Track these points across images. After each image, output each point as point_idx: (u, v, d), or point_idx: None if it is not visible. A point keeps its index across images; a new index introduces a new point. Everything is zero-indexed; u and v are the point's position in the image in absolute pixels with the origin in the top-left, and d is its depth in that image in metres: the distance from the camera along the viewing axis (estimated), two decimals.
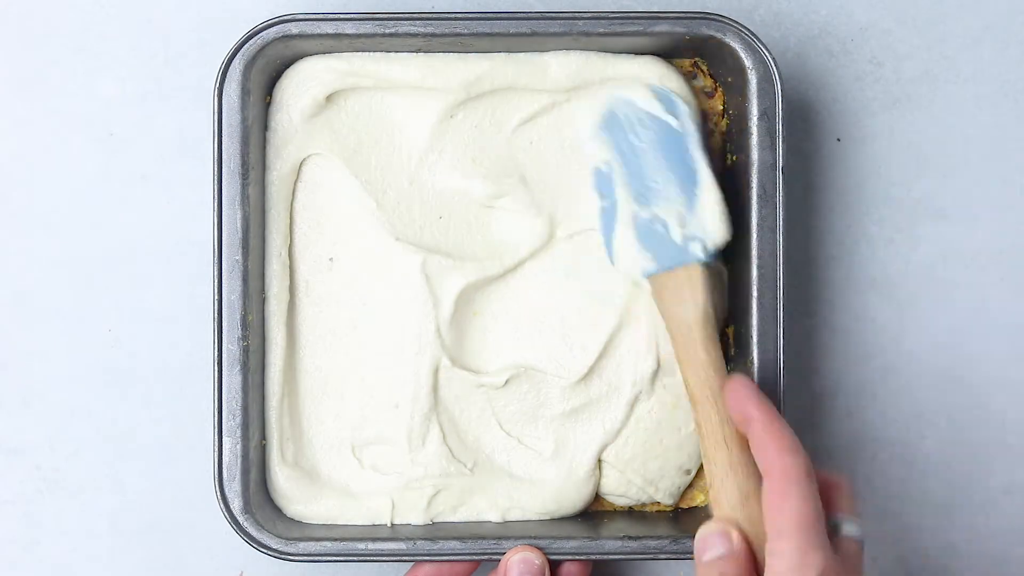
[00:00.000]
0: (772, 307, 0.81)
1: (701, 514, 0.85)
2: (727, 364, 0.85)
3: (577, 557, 0.81)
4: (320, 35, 0.81)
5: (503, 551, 0.81)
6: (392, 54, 0.83)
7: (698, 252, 0.80)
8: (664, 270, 0.80)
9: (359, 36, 0.81)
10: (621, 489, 0.85)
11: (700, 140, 0.81)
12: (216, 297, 0.80)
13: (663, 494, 0.85)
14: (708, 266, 0.80)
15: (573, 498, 0.84)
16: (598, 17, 0.81)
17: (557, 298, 0.85)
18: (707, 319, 0.79)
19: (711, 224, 0.80)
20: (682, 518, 0.85)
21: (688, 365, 0.78)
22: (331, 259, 0.85)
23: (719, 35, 0.81)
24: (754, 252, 0.81)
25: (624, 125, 0.83)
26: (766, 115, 0.81)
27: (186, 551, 0.88)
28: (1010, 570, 0.89)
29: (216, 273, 0.80)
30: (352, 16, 0.81)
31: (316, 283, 0.85)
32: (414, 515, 0.83)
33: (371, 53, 0.83)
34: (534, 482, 0.84)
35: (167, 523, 0.88)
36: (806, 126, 0.89)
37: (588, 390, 0.84)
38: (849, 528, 0.73)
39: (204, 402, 0.85)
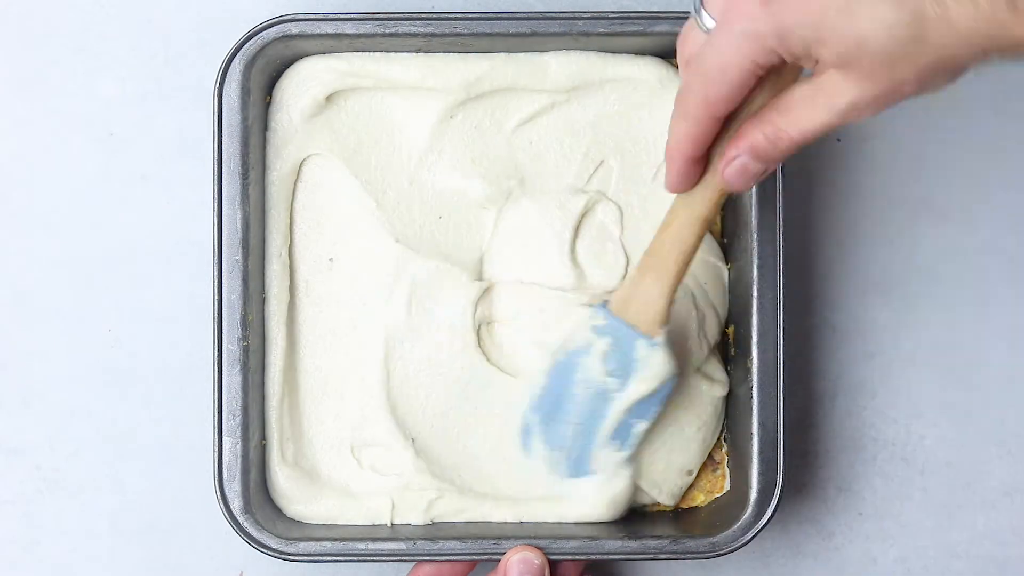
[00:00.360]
0: (772, 307, 0.80)
1: (701, 514, 0.85)
2: (727, 364, 0.85)
3: (577, 557, 0.81)
4: (320, 35, 0.81)
5: (503, 551, 0.80)
6: (392, 54, 0.83)
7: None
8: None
9: (359, 36, 0.81)
10: None
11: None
12: (216, 297, 0.80)
13: (664, 494, 0.85)
14: None
15: None
16: (598, 17, 0.81)
17: None
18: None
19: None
20: (682, 518, 0.85)
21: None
22: (331, 259, 0.84)
23: None
24: (754, 252, 0.81)
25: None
26: None
27: (186, 551, 0.88)
28: (1010, 570, 0.89)
29: (216, 273, 0.80)
30: (352, 16, 0.81)
31: (316, 283, 0.84)
32: (414, 515, 0.83)
33: (371, 53, 0.83)
34: None
35: (167, 523, 0.88)
36: None
37: None
38: None
39: (204, 402, 0.85)
